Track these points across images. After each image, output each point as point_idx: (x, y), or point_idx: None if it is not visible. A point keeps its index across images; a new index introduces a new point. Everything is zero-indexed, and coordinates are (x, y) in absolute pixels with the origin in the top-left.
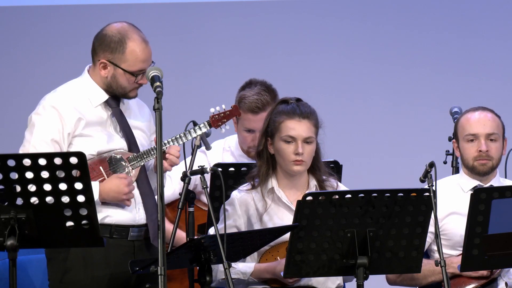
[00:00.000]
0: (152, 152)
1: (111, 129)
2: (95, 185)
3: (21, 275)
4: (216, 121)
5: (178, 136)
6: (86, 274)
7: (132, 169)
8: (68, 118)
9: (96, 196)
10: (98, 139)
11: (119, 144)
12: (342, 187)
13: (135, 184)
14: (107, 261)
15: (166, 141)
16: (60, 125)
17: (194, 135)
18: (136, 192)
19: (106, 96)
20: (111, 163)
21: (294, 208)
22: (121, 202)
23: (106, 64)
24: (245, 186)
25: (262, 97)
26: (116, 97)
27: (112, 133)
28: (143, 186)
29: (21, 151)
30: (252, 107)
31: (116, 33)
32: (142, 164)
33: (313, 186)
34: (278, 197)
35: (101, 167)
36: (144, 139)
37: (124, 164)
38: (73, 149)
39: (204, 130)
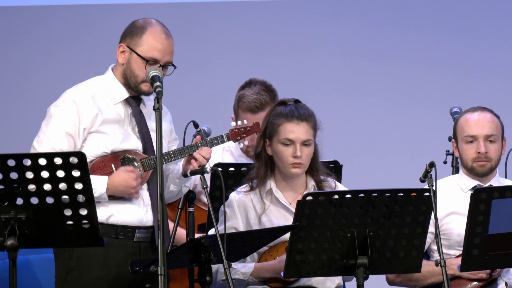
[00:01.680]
0: (166, 157)
1: (129, 128)
2: (103, 180)
3: (22, 275)
4: (235, 135)
5: (194, 144)
6: (89, 273)
7: (145, 171)
8: (86, 113)
9: (103, 190)
10: (114, 137)
11: (135, 144)
12: (340, 186)
13: (145, 186)
14: (111, 261)
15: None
16: (77, 119)
17: (211, 145)
18: (146, 194)
19: (126, 94)
20: (124, 163)
21: (292, 209)
22: (129, 196)
23: (124, 49)
24: (243, 188)
25: (261, 96)
26: (137, 98)
27: (129, 132)
28: (154, 188)
29: (35, 141)
30: (251, 106)
31: (141, 21)
32: (154, 167)
33: (311, 186)
34: (277, 198)
35: (112, 165)
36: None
37: (136, 165)
38: (87, 144)
39: (222, 142)
